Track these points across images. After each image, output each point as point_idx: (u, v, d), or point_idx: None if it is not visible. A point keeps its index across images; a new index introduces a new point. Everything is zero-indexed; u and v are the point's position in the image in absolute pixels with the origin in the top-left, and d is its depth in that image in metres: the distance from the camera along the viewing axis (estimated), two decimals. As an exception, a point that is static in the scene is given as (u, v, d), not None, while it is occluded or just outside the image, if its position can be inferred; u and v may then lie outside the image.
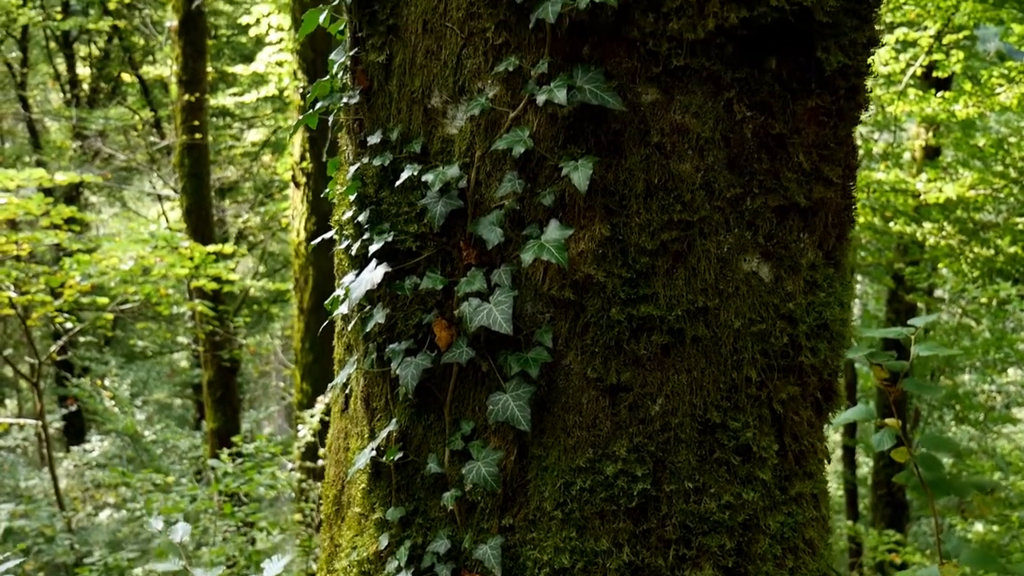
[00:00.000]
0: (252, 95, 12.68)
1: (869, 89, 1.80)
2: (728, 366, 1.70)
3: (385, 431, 1.86)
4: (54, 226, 7.65)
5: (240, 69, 12.52)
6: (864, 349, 2.06)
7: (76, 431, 14.07)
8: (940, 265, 9.62)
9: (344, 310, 1.93)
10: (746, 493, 1.70)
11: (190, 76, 10.26)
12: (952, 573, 1.95)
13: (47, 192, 8.92)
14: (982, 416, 11.64)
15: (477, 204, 1.76)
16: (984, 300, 9.66)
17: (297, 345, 8.01)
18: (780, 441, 1.75)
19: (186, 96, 10.15)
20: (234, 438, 6.77)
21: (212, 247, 8.76)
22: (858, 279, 12.48)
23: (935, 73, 8.78)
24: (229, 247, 9.15)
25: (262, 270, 15.80)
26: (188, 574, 2.14)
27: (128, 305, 9.77)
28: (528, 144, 1.69)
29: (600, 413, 1.69)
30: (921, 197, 8.83)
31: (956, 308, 11.74)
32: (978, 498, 2.09)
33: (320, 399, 6.30)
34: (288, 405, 15.19)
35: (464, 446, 1.76)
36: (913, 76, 8.80)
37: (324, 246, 2.26)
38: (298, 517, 6.47)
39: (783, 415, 1.75)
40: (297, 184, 7.80)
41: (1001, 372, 12.00)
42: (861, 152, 3.03)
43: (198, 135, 10.23)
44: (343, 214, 1.98)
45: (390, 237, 1.83)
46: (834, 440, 12.25)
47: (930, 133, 10.14)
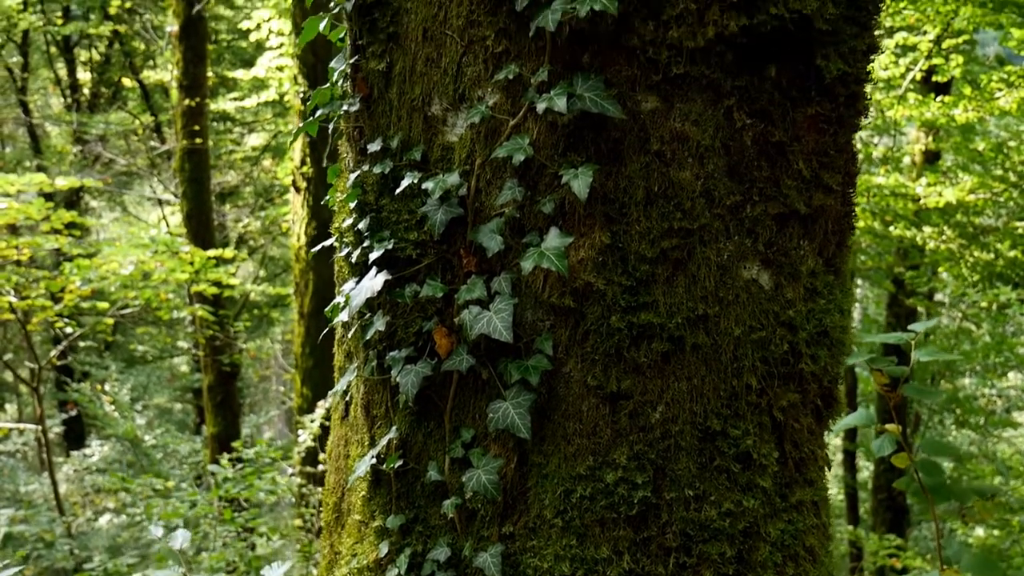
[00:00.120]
0: (253, 100, 12.69)
1: (869, 95, 1.80)
2: (728, 373, 1.70)
3: (385, 438, 1.86)
4: (54, 231, 7.66)
5: (241, 74, 12.55)
6: (864, 354, 2.06)
7: (76, 436, 14.07)
8: (940, 269, 9.62)
9: (344, 317, 1.93)
10: (746, 500, 1.70)
11: (191, 81, 10.28)
12: (953, 579, 1.95)
13: (47, 197, 8.92)
14: (982, 420, 11.63)
15: (477, 212, 1.76)
16: (984, 304, 9.67)
17: (297, 350, 8.01)
18: (780, 448, 1.75)
19: (187, 101, 10.17)
20: (234, 443, 6.76)
21: (212, 251, 8.77)
22: (858, 283, 12.48)
23: (935, 77, 8.79)
24: (229, 251, 9.16)
25: (262, 274, 15.82)
26: (188, 581, 2.14)
27: (128, 310, 9.78)
28: (528, 152, 1.69)
29: (600, 421, 1.69)
30: (921, 201, 8.84)
31: (956, 312, 11.73)
32: (979, 503, 2.09)
33: (320, 404, 6.30)
34: (288, 409, 15.19)
35: (464, 454, 1.76)
36: (913, 80, 8.81)
37: (325, 251, 2.26)
38: (298, 522, 6.45)
39: (783, 422, 1.75)
40: (297, 189, 7.80)
41: (1001, 376, 11.99)
42: (861, 156, 3.04)
43: (199, 140, 10.24)
44: (343, 221, 1.98)
45: (390, 245, 1.83)
46: (834, 444, 12.24)
47: (930, 137, 10.14)
